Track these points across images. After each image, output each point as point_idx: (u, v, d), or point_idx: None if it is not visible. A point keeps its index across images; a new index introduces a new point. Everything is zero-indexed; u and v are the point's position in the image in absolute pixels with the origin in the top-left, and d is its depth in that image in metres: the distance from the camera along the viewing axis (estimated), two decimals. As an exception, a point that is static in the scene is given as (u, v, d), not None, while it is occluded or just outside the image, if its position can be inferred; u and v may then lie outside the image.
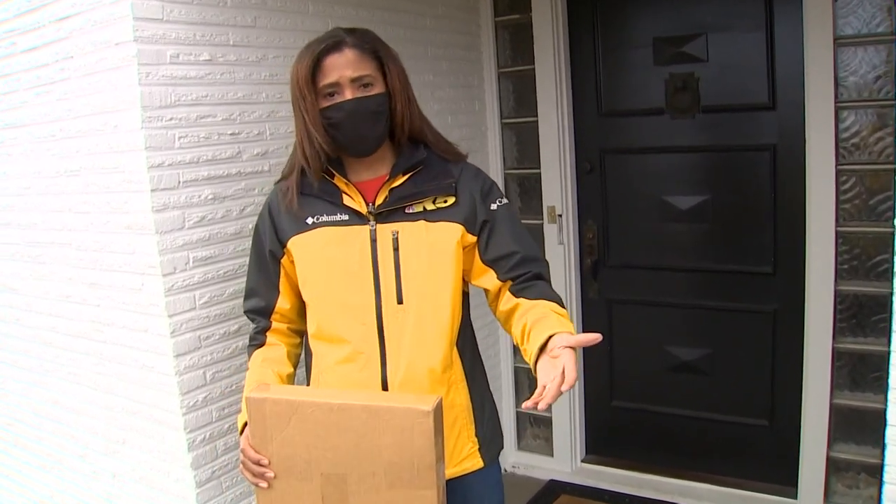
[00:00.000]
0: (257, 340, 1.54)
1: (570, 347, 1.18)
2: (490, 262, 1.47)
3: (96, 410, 2.00)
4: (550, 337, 1.24)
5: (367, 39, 1.44)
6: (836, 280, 2.38)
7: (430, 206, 1.44)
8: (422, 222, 1.43)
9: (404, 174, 1.45)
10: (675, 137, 2.64)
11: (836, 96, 2.27)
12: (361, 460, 1.22)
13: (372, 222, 1.43)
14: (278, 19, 1.97)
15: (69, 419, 2.11)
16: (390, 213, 1.43)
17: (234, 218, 1.85)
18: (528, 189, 2.93)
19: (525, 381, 3.09)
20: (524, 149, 2.92)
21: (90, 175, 1.81)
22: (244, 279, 1.63)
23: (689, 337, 2.77)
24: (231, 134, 1.85)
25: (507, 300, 1.45)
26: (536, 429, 3.11)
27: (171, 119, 1.70)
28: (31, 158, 1.99)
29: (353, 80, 1.39)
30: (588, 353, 2.96)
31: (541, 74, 2.77)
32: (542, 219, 2.85)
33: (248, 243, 1.84)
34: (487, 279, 1.48)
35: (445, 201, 1.45)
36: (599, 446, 3.05)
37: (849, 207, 2.35)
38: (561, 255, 2.83)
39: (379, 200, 1.44)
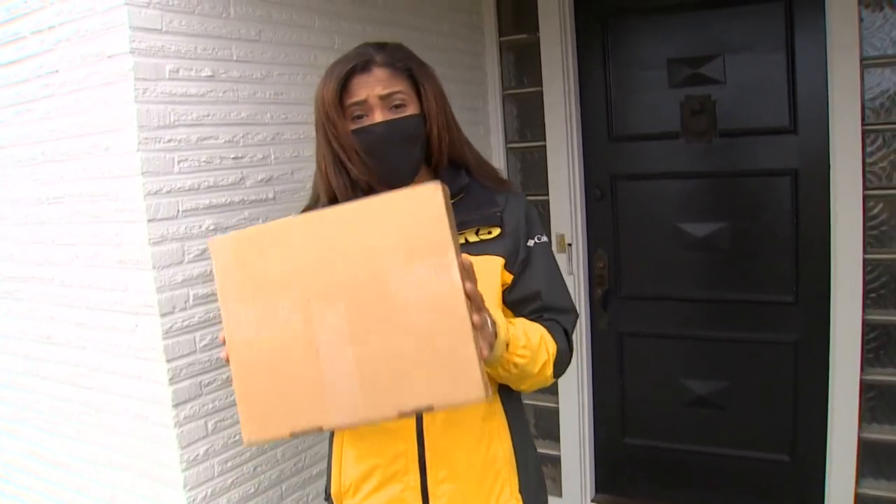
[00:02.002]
0: None
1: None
2: (511, 304, 1.31)
3: (79, 464, 1.80)
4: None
5: (399, 56, 1.29)
6: (863, 309, 2.28)
7: (472, 238, 1.29)
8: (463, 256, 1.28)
9: None
10: (691, 162, 2.53)
11: (862, 119, 2.18)
12: (361, 279, 0.97)
13: None
14: (284, 33, 1.82)
15: (47, 473, 1.90)
16: None
17: (236, 250, 1.68)
18: (534, 216, 2.80)
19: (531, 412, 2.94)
20: (531, 174, 2.79)
21: (76, 203, 1.63)
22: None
23: (704, 370, 2.65)
24: (234, 158, 1.69)
25: None
26: (544, 467, 2.94)
27: (169, 140, 1.54)
28: (8, 184, 1.80)
29: (383, 98, 1.24)
30: (599, 388, 2.83)
31: (549, 97, 2.65)
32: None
33: (252, 277, 1.68)
34: None
35: (490, 232, 1.29)
36: (611, 485, 2.90)
37: (876, 234, 2.25)
38: (570, 286, 2.69)
39: None
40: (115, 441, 1.69)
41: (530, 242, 1.32)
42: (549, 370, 1.23)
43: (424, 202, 0.95)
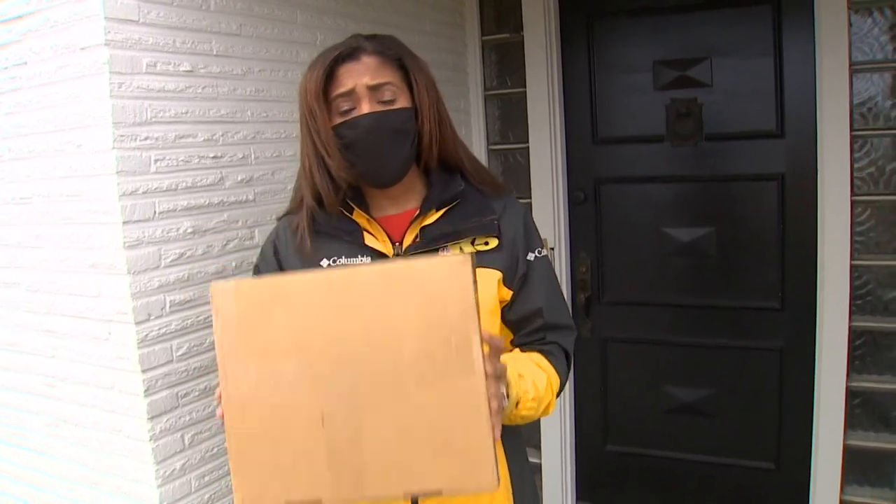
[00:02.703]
0: None
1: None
2: (511, 323, 1.25)
3: (47, 480, 1.70)
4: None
5: (390, 45, 1.22)
6: (850, 316, 2.26)
7: (468, 249, 1.21)
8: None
9: (438, 210, 1.22)
10: (676, 166, 2.50)
11: (850, 124, 2.17)
12: (375, 351, 0.91)
13: None
14: (265, 28, 1.75)
15: (13, 489, 1.80)
16: (421, 256, 1.20)
17: (215, 255, 1.61)
18: (516, 220, 2.75)
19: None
20: (513, 177, 2.74)
21: (45, 203, 1.54)
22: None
23: (689, 376, 2.61)
24: (213, 157, 1.61)
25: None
26: (525, 476, 2.90)
27: (146, 138, 1.45)
28: (-30, 183, 1.70)
29: (372, 89, 1.17)
30: (581, 394, 2.79)
31: (532, 98, 2.60)
32: (534, 251, 2.67)
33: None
34: None
35: (487, 243, 1.22)
36: (592, 494, 2.85)
37: (863, 240, 2.24)
38: (554, 290, 2.64)
39: (407, 241, 1.21)
40: (85, 456, 1.60)
41: (530, 256, 1.26)
42: (553, 407, 1.18)
43: (451, 274, 0.88)
